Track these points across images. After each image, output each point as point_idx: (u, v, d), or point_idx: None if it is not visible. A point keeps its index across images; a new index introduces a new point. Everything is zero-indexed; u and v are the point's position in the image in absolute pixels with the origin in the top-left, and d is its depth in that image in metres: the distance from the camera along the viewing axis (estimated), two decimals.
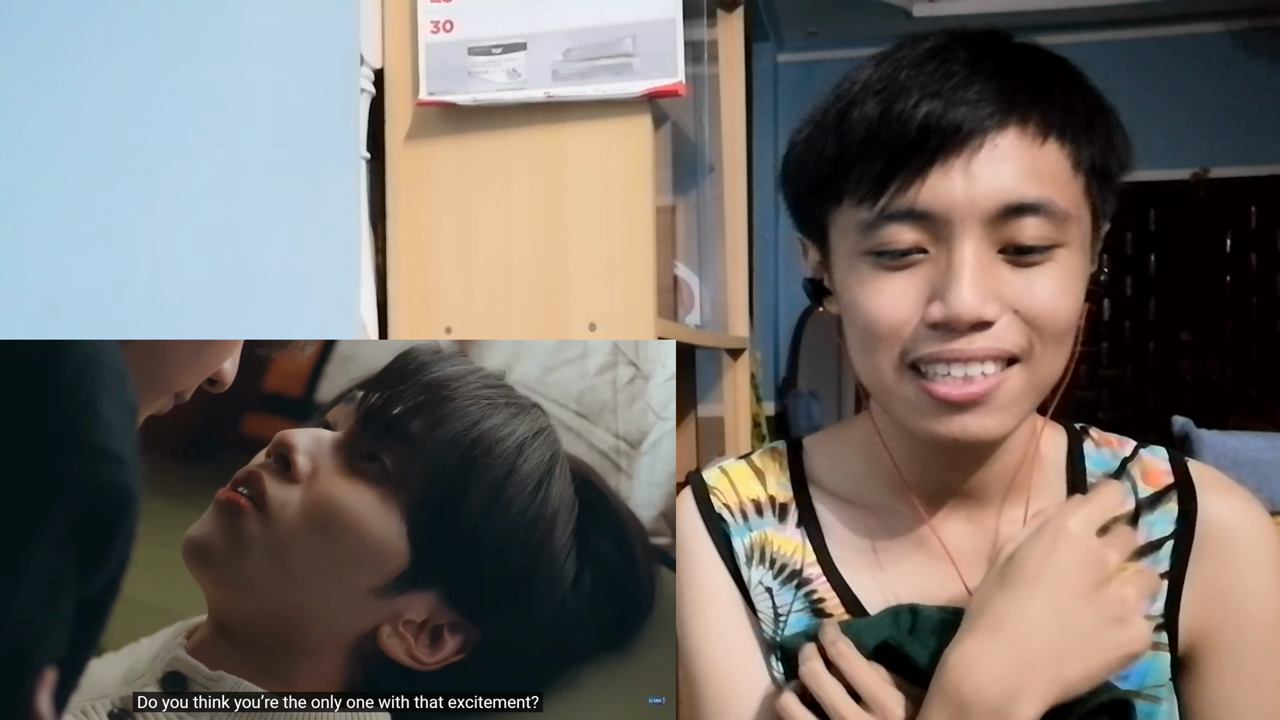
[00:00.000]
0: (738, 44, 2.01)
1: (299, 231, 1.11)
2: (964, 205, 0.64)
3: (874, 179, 0.66)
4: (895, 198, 0.65)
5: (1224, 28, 4.05)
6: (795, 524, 0.79)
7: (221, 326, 0.98)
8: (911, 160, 0.64)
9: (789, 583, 0.77)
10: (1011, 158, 0.64)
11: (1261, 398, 4.13)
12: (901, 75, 0.66)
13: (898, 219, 0.65)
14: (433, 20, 1.22)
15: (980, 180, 0.64)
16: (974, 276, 0.64)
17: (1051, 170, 0.65)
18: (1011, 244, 0.65)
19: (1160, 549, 0.73)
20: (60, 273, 0.79)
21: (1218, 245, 4.26)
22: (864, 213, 0.67)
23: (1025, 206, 0.64)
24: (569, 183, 1.23)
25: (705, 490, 0.82)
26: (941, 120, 0.64)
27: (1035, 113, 0.65)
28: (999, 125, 0.64)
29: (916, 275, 0.66)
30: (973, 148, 0.64)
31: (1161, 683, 0.72)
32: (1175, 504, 0.74)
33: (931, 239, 0.65)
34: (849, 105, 0.68)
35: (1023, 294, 0.65)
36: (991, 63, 0.66)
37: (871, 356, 0.69)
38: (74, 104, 0.80)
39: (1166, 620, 0.72)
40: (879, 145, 0.65)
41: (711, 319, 1.95)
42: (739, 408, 2.01)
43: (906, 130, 0.64)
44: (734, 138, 2.00)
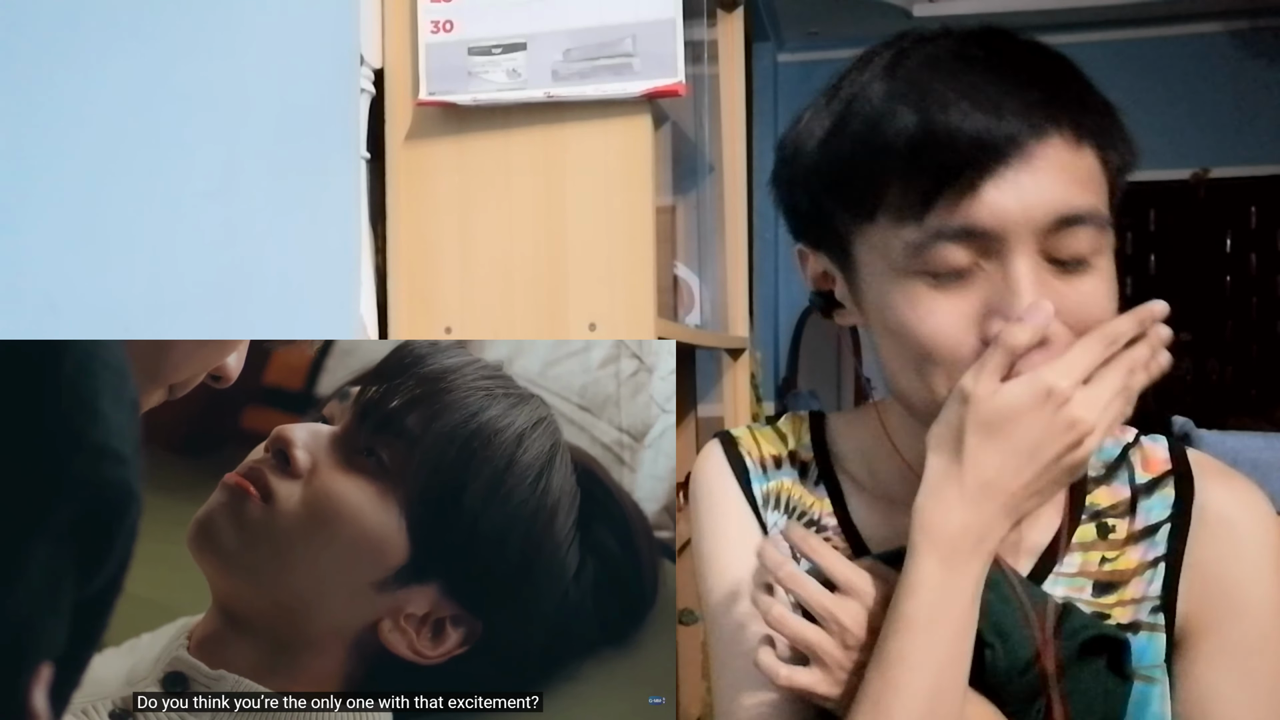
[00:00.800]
0: (738, 44, 2.01)
1: (299, 231, 1.11)
2: (1019, 219, 0.62)
3: (920, 195, 0.63)
4: (945, 214, 0.63)
5: (1224, 28, 4.04)
6: (815, 481, 0.80)
7: (221, 326, 0.98)
8: (961, 174, 0.62)
9: (807, 529, 0.77)
10: (1058, 167, 0.63)
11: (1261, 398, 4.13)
12: (935, 84, 0.63)
13: (950, 238, 0.63)
14: (433, 20, 1.22)
15: (1032, 192, 0.62)
16: (1034, 292, 0.63)
17: (1091, 175, 0.64)
18: (1060, 255, 0.64)
19: (1157, 533, 0.74)
20: (60, 273, 0.79)
21: (1218, 245, 4.26)
22: (909, 232, 0.64)
23: (1075, 217, 0.63)
24: (569, 183, 1.23)
25: (732, 441, 0.83)
26: (994, 132, 0.62)
27: (1070, 118, 0.64)
28: (1044, 134, 0.63)
29: (971, 293, 0.64)
30: (1023, 159, 0.62)
31: (1157, 663, 0.73)
32: (1172, 489, 0.75)
33: (984, 254, 0.64)
34: (877, 116, 0.65)
35: (1075, 305, 0.64)
36: (1024, 70, 0.64)
37: (925, 378, 0.67)
38: (74, 104, 0.80)
39: (1163, 602, 0.73)
40: (923, 159, 0.63)
41: (711, 319, 1.95)
42: (739, 408, 2.01)
43: (955, 143, 0.62)
44: (734, 138, 2.00)
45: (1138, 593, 0.73)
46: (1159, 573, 0.73)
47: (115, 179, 0.85)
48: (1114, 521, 0.75)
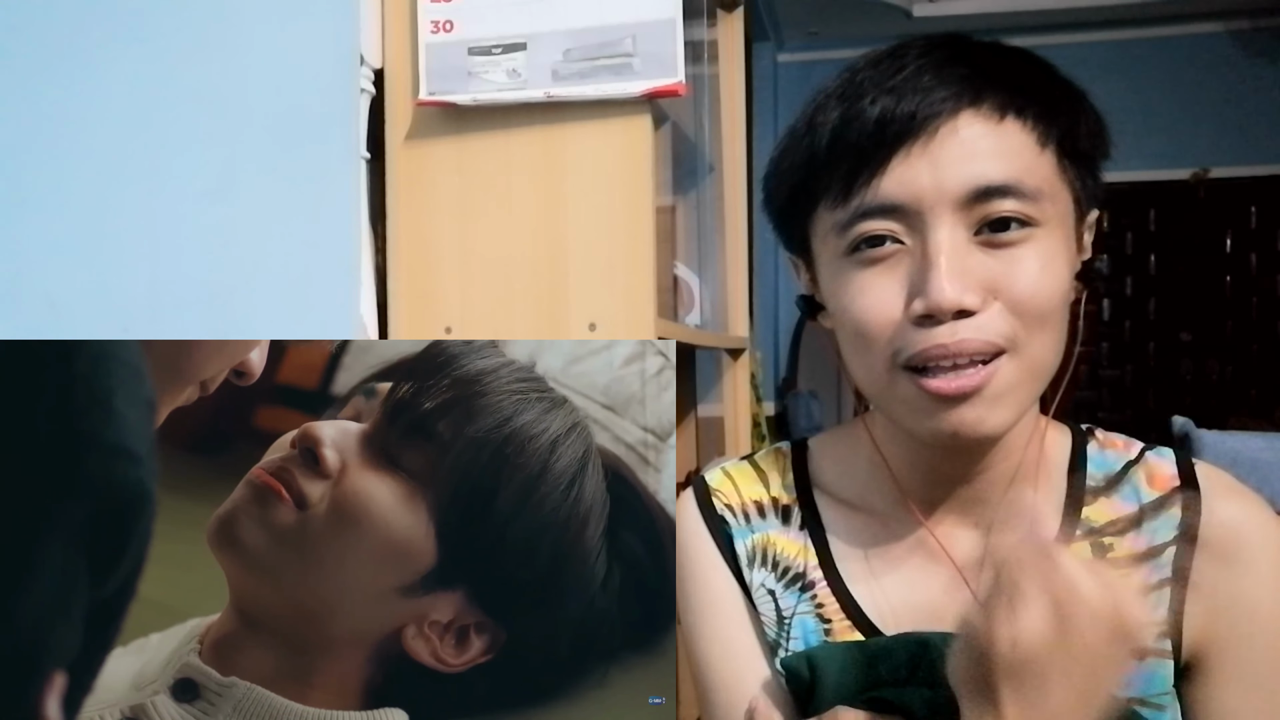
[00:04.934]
0: (738, 44, 2.01)
1: (299, 231, 1.11)
2: (932, 192, 0.64)
3: (842, 179, 0.67)
4: (864, 194, 0.66)
5: (1224, 28, 4.04)
6: (799, 526, 0.79)
7: (221, 326, 0.98)
8: (873, 154, 0.65)
9: (792, 586, 0.77)
10: (971, 139, 0.65)
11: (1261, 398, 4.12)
12: (859, 78, 0.68)
13: (869, 215, 0.66)
14: (433, 20, 1.22)
15: (943, 165, 0.64)
16: (950, 264, 0.64)
17: (1015, 148, 0.65)
18: (985, 222, 0.65)
19: (1161, 555, 0.72)
20: (60, 273, 0.79)
21: (1218, 245, 4.26)
22: (838, 213, 0.68)
23: (993, 189, 0.64)
24: (569, 183, 1.23)
25: (707, 492, 0.81)
26: (895, 110, 0.65)
27: (989, 93, 0.66)
28: (953, 109, 0.65)
29: (898, 270, 0.66)
30: (929, 133, 0.65)
31: (1165, 690, 0.71)
32: (1179, 508, 0.73)
33: (906, 230, 0.66)
34: (814, 113, 0.69)
35: (1002, 278, 0.65)
36: (942, 54, 0.67)
37: (864, 358, 0.69)
38: (74, 105, 0.80)
39: (1170, 627, 0.71)
40: (843, 145, 0.67)
41: (711, 319, 1.95)
42: (739, 408, 2.01)
43: (865, 126, 0.65)
44: (734, 138, 2.00)
45: None
46: (1164, 597, 0.71)
47: (115, 179, 0.85)
48: (1111, 540, 0.73)
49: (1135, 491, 0.74)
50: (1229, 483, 0.74)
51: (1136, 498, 0.74)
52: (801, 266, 0.77)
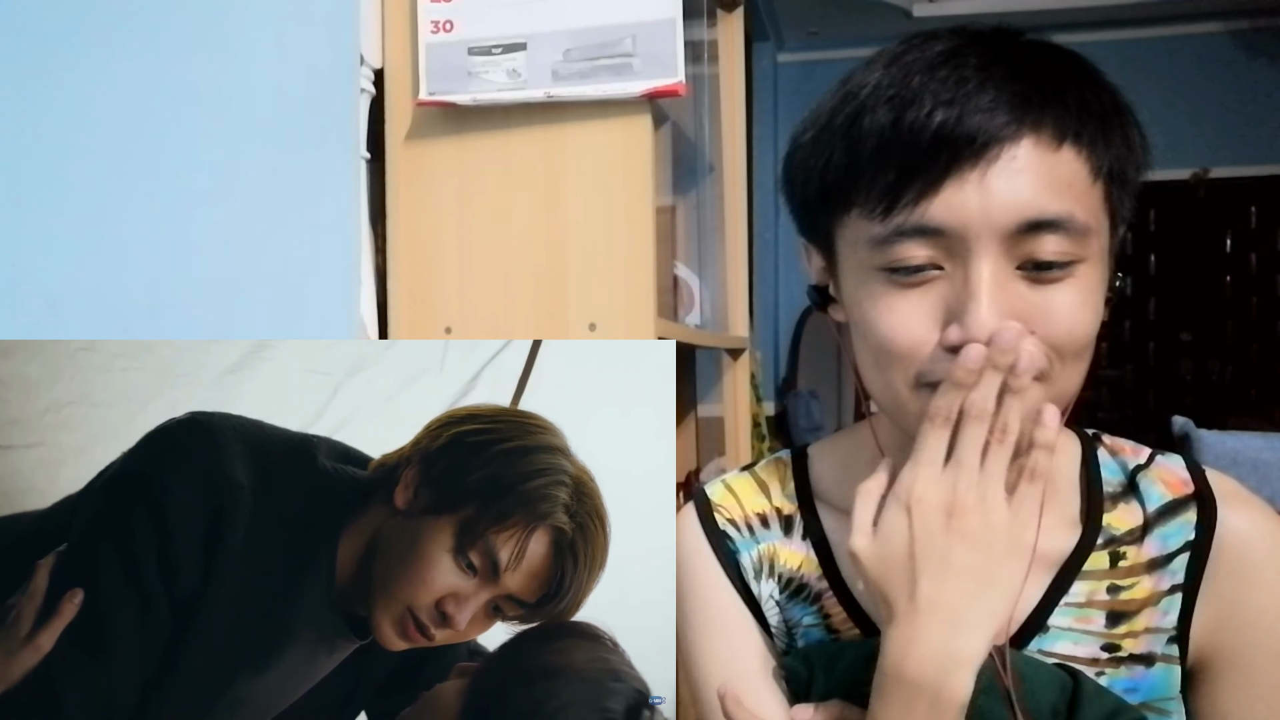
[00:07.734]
0: (738, 44, 2.01)
1: (299, 231, 1.11)
2: (980, 221, 0.61)
3: (885, 191, 0.63)
4: (908, 212, 0.62)
5: (1224, 28, 4.04)
6: (801, 536, 0.78)
7: (222, 326, 0.98)
8: (924, 172, 0.62)
9: (797, 597, 0.77)
10: (1029, 169, 0.61)
11: (1261, 398, 4.12)
12: (914, 81, 0.63)
13: (910, 235, 0.63)
14: (433, 20, 1.22)
15: (997, 194, 0.61)
16: (992, 298, 0.61)
17: (1070, 180, 0.62)
18: (1030, 260, 0.62)
19: (1173, 561, 0.72)
20: (60, 273, 0.79)
21: (1218, 245, 4.26)
22: (875, 227, 0.64)
23: (1045, 223, 0.61)
24: (569, 183, 1.22)
25: (709, 507, 0.80)
26: (955, 130, 0.61)
27: (1049, 117, 0.62)
28: (1014, 135, 0.61)
29: (932, 294, 0.64)
30: (988, 159, 0.61)
31: (1172, 695, 0.71)
32: (1193, 514, 0.72)
33: (946, 255, 0.63)
34: (860, 110, 0.65)
35: (1041, 314, 0.62)
36: (1004, 67, 0.63)
37: (884, 374, 0.66)
38: (74, 104, 0.80)
39: (1178, 633, 0.71)
40: (891, 155, 0.62)
41: (711, 319, 1.95)
42: (739, 408, 2.01)
43: (919, 140, 0.61)
44: (734, 138, 2.00)
45: (1150, 623, 0.71)
46: (1174, 602, 0.71)
47: (115, 179, 0.85)
48: (1125, 548, 0.73)
49: (1146, 497, 0.74)
50: (1240, 491, 0.74)
51: (1147, 504, 0.74)
52: (815, 254, 0.74)
